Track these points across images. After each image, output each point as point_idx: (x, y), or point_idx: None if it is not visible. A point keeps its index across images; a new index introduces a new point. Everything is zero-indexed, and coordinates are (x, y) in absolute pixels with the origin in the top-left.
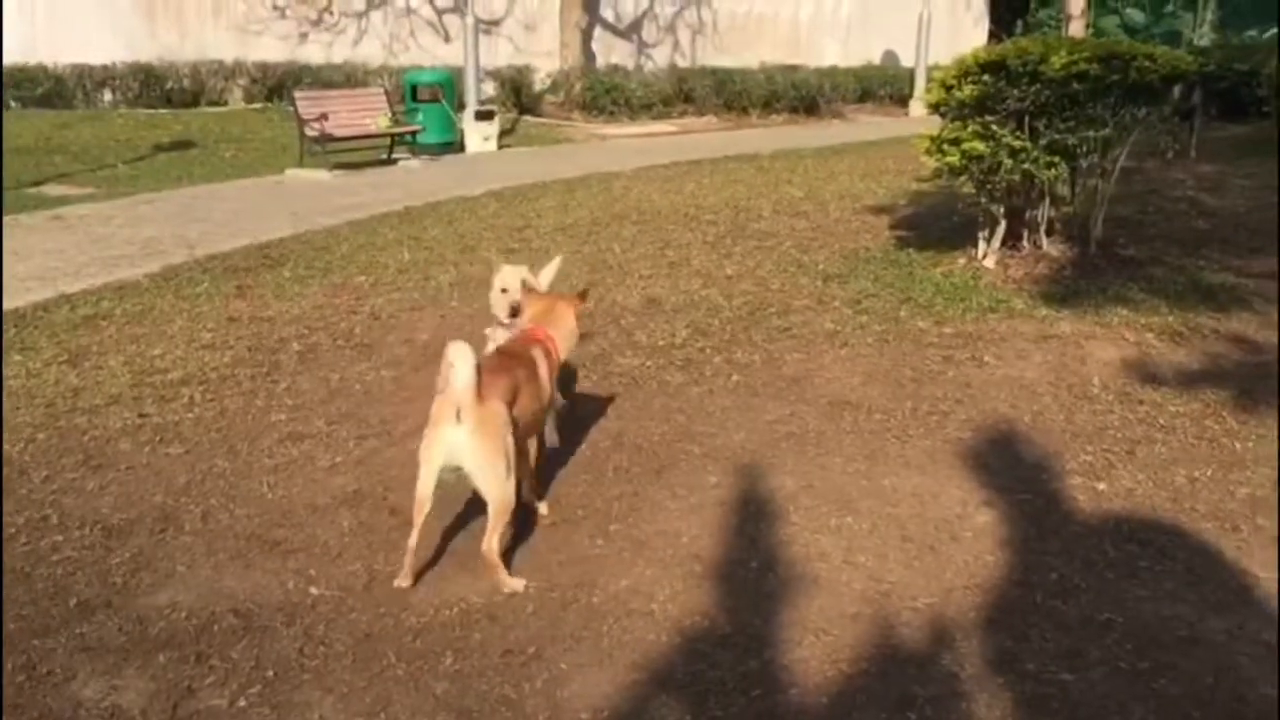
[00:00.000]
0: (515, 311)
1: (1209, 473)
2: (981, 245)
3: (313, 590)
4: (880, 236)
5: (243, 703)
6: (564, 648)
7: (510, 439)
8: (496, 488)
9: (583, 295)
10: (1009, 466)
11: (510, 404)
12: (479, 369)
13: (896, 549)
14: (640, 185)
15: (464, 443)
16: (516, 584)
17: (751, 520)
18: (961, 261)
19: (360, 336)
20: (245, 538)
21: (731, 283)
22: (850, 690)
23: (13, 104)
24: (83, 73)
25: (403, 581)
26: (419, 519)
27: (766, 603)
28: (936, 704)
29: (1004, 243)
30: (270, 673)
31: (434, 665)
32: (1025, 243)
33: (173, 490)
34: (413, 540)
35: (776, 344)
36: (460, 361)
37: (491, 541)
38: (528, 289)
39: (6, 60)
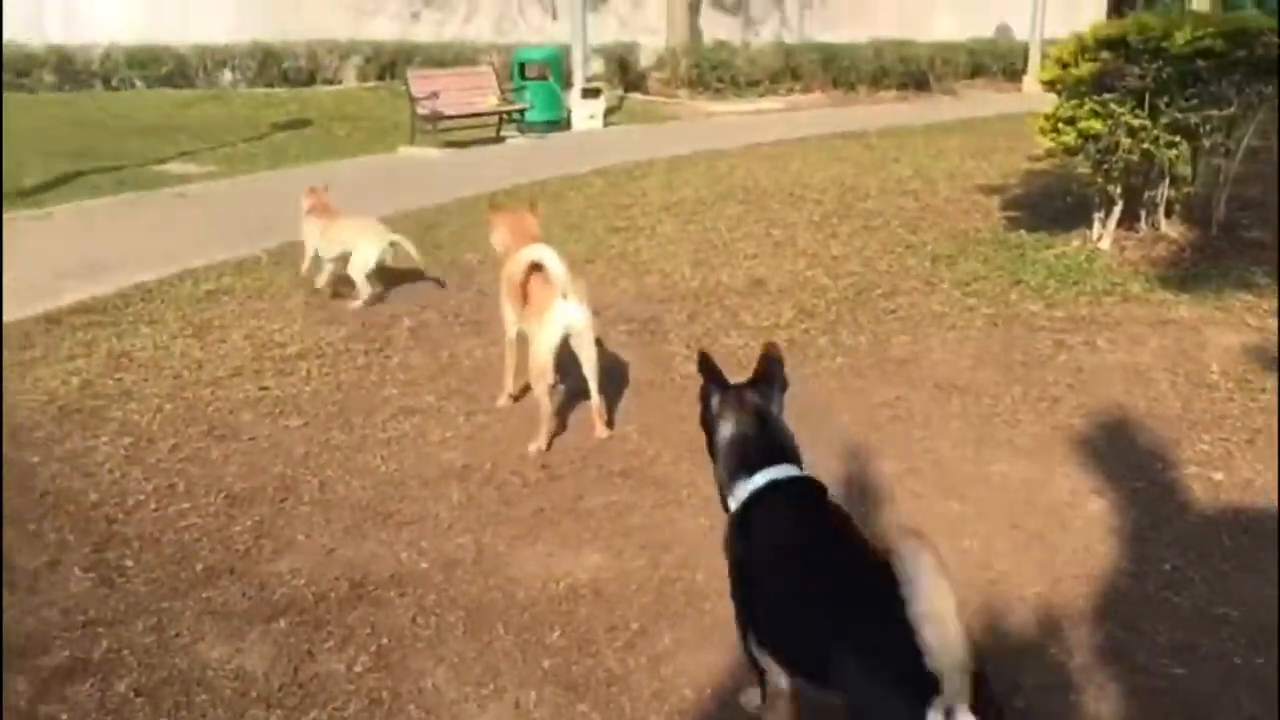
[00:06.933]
0: None
1: None
2: (1097, 226)
3: (423, 563)
4: (991, 217)
5: (359, 668)
6: (668, 625)
7: None
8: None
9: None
10: (1122, 454)
11: None
12: None
13: (1004, 536)
14: (746, 163)
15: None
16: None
17: (855, 504)
18: (1075, 243)
19: (469, 314)
20: (360, 509)
21: (837, 263)
22: None
23: (138, 83)
24: (203, 52)
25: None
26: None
27: None
28: (1044, 694)
29: (1120, 224)
30: (385, 640)
31: (541, 638)
32: (1143, 224)
33: (292, 461)
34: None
35: (883, 325)
36: (549, 256)
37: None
38: None
39: (130, 40)
